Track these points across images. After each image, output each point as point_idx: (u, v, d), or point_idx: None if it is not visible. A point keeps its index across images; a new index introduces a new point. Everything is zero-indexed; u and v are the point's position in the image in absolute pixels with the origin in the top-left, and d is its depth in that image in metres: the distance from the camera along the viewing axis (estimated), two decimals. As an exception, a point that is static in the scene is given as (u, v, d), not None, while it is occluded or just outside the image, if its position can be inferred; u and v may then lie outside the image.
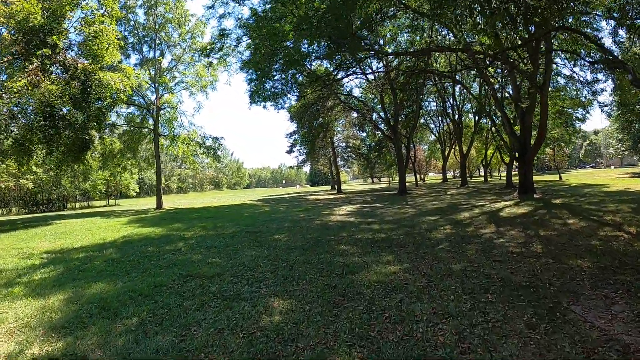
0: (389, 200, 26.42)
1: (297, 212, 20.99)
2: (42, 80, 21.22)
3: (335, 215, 18.23)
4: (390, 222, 14.68)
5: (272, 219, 17.97)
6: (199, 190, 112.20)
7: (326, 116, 38.13)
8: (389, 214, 17.54)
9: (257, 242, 11.68)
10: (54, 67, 22.63)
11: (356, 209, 21.18)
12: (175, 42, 34.56)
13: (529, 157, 22.20)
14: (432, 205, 20.31)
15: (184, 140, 32.40)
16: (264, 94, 31.99)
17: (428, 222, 14.13)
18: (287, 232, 13.47)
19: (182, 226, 17.21)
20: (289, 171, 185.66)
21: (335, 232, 13.03)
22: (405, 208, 20.05)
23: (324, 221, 15.93)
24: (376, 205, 23.04)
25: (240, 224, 16.42)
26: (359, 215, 17.83)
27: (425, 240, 10.76)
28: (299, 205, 26.69)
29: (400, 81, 33.39)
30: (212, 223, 17.60)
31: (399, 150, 32.25)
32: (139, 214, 27.29)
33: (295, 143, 47.69)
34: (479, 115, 41.19)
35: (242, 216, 20.31)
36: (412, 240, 10.91)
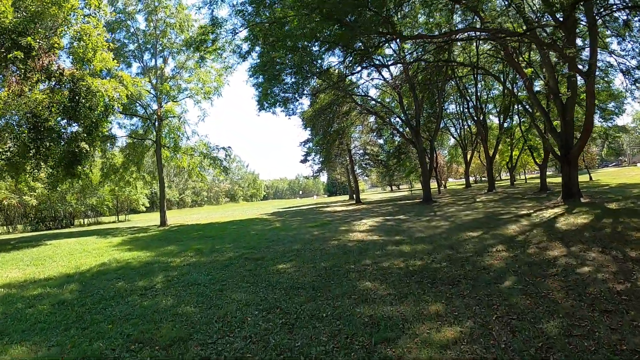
0: (414, 210, 23.54)
1: (311, 228, 18.24)
2: (25, 88, 19.15)
3: (355, 232, 15.41)
4: (423, 241, 11.83)
5: (280, 238, 15.24)
6: (215, 203, 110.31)
7: (342, 122, 35.48)
8: (418, 229, 14.69)
9: (254, 276, 8.95)
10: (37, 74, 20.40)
11: (378, 222, 18.34)
12: (178, 48, 32.30)
13: (573, 155, 19.37)
14: (466, 216, 17.43)
15: (187, 151, 29.92)
16: (273, 98, 29.57)
17: (472, 241, 11.26)
18: (295, 258, 10.71)
19: (175, 249, 14.64)
20: (306, 182, 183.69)
21: (356, 257, 10.25)
22: (435, 220, 17.18)
23: (342, 241, 13.12)
24: (400, 217, 20.20)
25: (241, 247, 13.76)
26: (382, 231, 14.99)
27: (481, 272, 7.90)
28: (314, 219, 23.98)
29: (420, 78, 30.75)
30: (211, 245, 15.00)
31: (421, 154, 29.36)
32: (139, 232, 24.85)
33: (310, 151, 44.98)
34: (505, 114, 38.13)
35: (248, 235, 17.64)
36: (460, 271, 8.08)
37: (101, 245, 17.94)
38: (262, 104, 29.59)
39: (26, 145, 19.58)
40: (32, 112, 19.67)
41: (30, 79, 19.66)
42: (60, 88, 21.71)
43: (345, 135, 36.98)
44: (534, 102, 22.25)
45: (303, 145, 45.56)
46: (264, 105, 29.75)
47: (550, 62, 21.59)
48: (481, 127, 38.38)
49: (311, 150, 44.42)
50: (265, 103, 29.74)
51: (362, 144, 47.20)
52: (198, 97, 31.85)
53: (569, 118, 19.73)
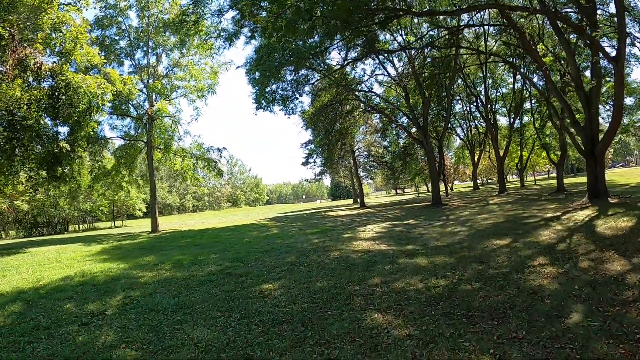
0: (423, 214, 21.54)
1: (311, 235, 16.23)
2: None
3: (360, 240, 13.38)
4: (441, 252, 9.85)
5: (274, 247, 13.25)
6: (216, 208, 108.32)
7: (344, 121, 33.54)
8: (433, 236, 12.70)
9: (230, 301, 7.01)
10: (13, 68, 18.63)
11: (386, 228, 16.35)
12: (171, 45, 30.47)
13: (599, 151, 17.44)
14: (484, 220, 15.43)
15: (178, 153, 27.91)
16: (271, 96, 27.77)
17: (502, 251, 9.27)
18: (286, 275, 8.74)
19: (153, 261, 12.71)
20: (309, 186, 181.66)
21: (361, 273, 8.27)
22: (450, 225, 15.17)
23: (344, 252, 11.11)
24: (410, 222, 18.21)
25: (227, 258, 11.81)
26: (391, 239, 12.98)
27: (530, 298, 5.90)
28: (315, 224, 22.01)
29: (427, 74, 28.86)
30: (195, 255, 13.05)
31: (430, 154, 27.36)
32: (126, 239, 22.91)
33: (312, 153, 42.85)
34: (516, 111, 36.16)
35: (240, 243, 15.68)
36: (502, 295, 6.08)
37: (78, 255, 16.06)
38: (259, 102, 27.84)
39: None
40: (7, 109, 18.00)
41: (5, 73, 17.92)
42: (38, 83, 20.07)
43: (348, 136, 35.01)
44: (554, 94, 20.24)
45: (304, 146, 43.50)
46: (261, 103, 28.01)
47: (570, 49, 19.60)
48: (491, 126, 36.44)
49: (313, 152, 42.36)
50: (263, 101, 28.00)
51: (366, 145, 45.18)
52: (192, 96, 29.98)
53: (594, 110, 17.78)
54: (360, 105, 33.29)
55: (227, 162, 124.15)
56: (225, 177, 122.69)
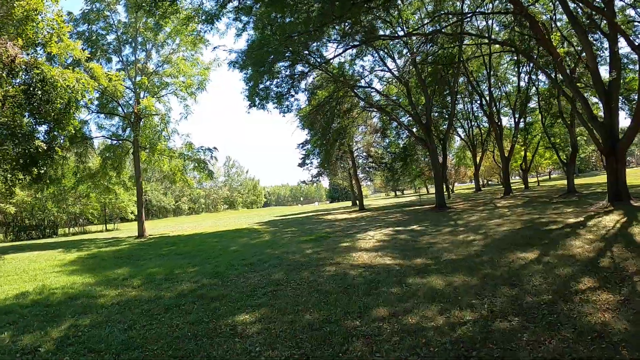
0: (428, 219, 19.94)
1: (304, 243, 14.56)
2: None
3: (359, 250, 11.68)
4: (459, 268, 8.21)
5: (261, 259, 11.56)
6: (213, 210, 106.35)
7: (343, 120, 31.91)
8: (444, 247, 11.07)
9: (191, 339, 5.39)
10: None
11: (388, 235, 14.71)
12: (161, 41, 28.86)
13: (621, 148, 16.04)
14: (499, 227, 13.83)
15: (164, 152, 26.17)
16: (264, 93, 26.13)
17: (533, 268, 7.64)
18: (269, 300, 7.05)
19: (124, 274, 11.17)
20: (308, 188, 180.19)
21: (362, 300, 6.58)
22: (461, 233, 13.54)
23: (341, 267, 9.43)
24: (414, 227, 16.59)
25: (206, 272, 10.21)
26: (396, 249, 11.33)
27: (597, 346, 4.27)
28: (310, 229, 20.36)
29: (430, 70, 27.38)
30: (170, 268, 11.44)
31: (434, 154, 25.76)
32: (108, 245, 21.24)
33: (308, 154, 41.20)
34: (522, 109, 34.66)
35: (225, 252, 14.05)
36: (556, 341, 4.44)
37: (49, 265, 14.51)
38: (252, 99, 26.17)
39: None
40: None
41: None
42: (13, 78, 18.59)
43: (347, 136, 33.35)
44: (570, 87, 18.64)
45: (301, 147, 41.74)
46: (254, 101, 26.34)
47: (587, 37, 18.04)
48: (495, 125, 34.87)
49: (310, 153, 40.70)
50: (256, 98, 26.35)
51: (365, 145, 43.52)
52: (182, 94, 28.38)
53: (614, 104, 16.26)
54: (359, 103, 31.72)
55: (224, 164, 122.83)
56: (222, 179, 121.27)
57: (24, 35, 18.24)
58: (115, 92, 25.24)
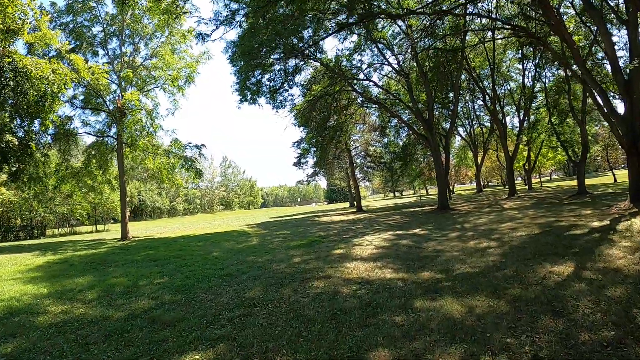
0: (431, 221, 18.33)
1: (294, 249, 12.90)
2: None
3: (355, 260, 9.99)
4: (477, 285, 6.54)
5: (241, 269, 9.88)
6: (209, 211, 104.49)
7: (340, 117, 30.31)
8: (454, 254, 9.46)
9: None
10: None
11: (388, 241, 13.08)
12: (149, 33, 27.23)
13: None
14: (513, 231, 12.26)
15: (147, 149, 24.46)
16: (256, 87, 24.56)
17: (574, 287, 5.97)
18: (233, 331, 5.35)
19: (84, 283, 9.69)
20: (306, 189, 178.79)
21: (356, 334, 4.87)
22: (471, 238, 11.93)
23: (332, 282, 7.71)
24: (416, 231, 14.99)
25: (173, 285, 8.63)
26: (398, 258, 9.67)
27: None
28: (304, 232, 18.76)
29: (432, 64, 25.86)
30: (136, 278, 9.92)
31: (436, 152, 24.16)
32: (86, 248, 19.58)
33: (304, 153, 39.53)
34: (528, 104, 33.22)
35: (205, 259, 12.42)
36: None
37: (12, 270, 13.07)
38: (243, 93, 24.65)
39: None
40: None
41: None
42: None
43: (344, 133, 31.72)
44: (587, 78, 17.04)
45: (296, 146, 40.08)
46: (245, 95, 24.82)
47: (604, 23, 16.47)
48: (499, 123, 33.33)
49: (305, 152, 39.04)
50: (248, 92, 24.80)
51: (364, 144, 41.84)
52: (171, 88, 26.76)
53: (636, 96, 14.68)
54: (356, 99, 30.14)
55: (221, 164, 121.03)
56: (218, 179, 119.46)
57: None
58: (97, 85, 23.67)
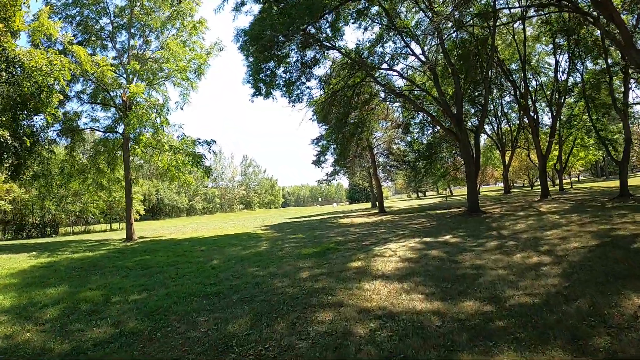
0: (462, 226, 16.28)
1: (303, 259, 11.05)
2: None
3: (375, 277, 8.03)
4: (548, 331, 4.59)
5: (233, 287, 8.04)
6: (229, 210, 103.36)
7: (361, 112, 28.30)
8: (499, 273, 7.48)
9: None
10: None
11: (415, 251, 11.09)
12: (159, 26, 25.72)
13: None
14: (565, 242, 10.24)
15: (150, 143, 22.76)
16: (269, 78, 22.88)
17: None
18: None
19: (53, 296, 8.29)
20: (328, 188, 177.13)
21: None
22: (515, 250, 9.83)
23: (344, 313, 5.76)
24: (447, 238, 12.99)
25: (146, 307, 6.96)
26: (428, 276, 7.70)
27: None
28: (320, 237, 16.90)
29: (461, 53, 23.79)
30: (114, 290, 8.45)
31: (466, 149, 22.02)
32: (86, 249, 18.05)
33: (324, 150, 37.51)
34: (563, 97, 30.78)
35: (201, 268, 10.72)
36: None
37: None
38: (256, 85, 22.97)
39: None
40: None
41: None
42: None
43: (365, 129, 29.67)
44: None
45: (315, 143, 38.07)
46: (259, 88, 23.12)
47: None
48: (532, 119, 30.97)
49: (325, 149, 37.04)
50: (262, 85, 23.11)
51: (387, 141, 39.65)
52: (182, 82, 25.21)
53: None
54: (378, 93, 28.15)
55: (241, 163, 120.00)
56: (239, 179, 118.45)
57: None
58: (103, 78, 22.25)
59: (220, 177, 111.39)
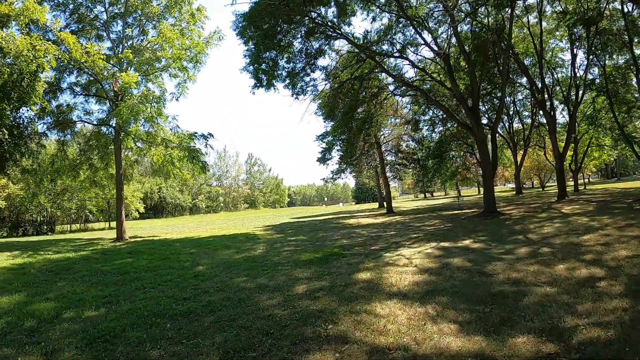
0: (480, 228, 14.66)
1: (302, 267, 9.43)
2: None
3: (390, 295, 6.42)
4: None
5: (208, 305, 6.44)
6: (233, 209, 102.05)
7: (369, 106, 26.63)
8: (545, 291, 5.86)
9: None
10: None
11: (434, 257, 9.44)
12: (156, 13, 24.22)
13: None
14: (611, 249, 8.70)
15: (140, 137, 21.07)
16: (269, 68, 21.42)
17: None
18: None
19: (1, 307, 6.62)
20: (334, 188, 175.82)
21: None
22: (555, 260, 8.12)
23: (351, 354, 4.24)
24: (468, 243, 11.35)
25: (95, 330, 5.36)
26: (457, 294, 6.05)
27: None
28: (322, 240, 15.29)
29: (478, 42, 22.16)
30: (72, 303, 7.02)
31: (482, 145, 20.40)
32: (71, 250, 16.54)
33: (329, 147, 35.85)
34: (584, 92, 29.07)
35: (182, 276, 9.17)
36: None
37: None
38: (257, 76, 21.53)
39: None
40: None
41: None
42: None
43: (374, 124, 27.98)
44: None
45: (320, 140, 36.43)
46: (260, 79, 21.69)
47: None
48: (549, 115, 29.19)
49: (330, 145, 35.37)
50: (263, 76, 21.65)
51: (395, 138, 37.93)
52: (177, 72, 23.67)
53: None
54: (387, 87, 26.49)
55: (246, 161, 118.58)
56: (243, 177, 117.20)
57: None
58: (94, 67, 20.79)
59: (224, 175, 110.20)
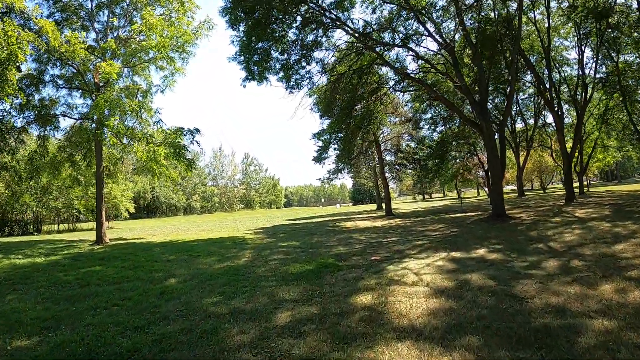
0: (491, 235, 13.18)
1: (289, 284, 7.85)
2: None
3: (400, 332, 4.92)
4: None
5: (165, 339, 4.98)
6: (228, 210, 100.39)
7: (368, 103, 25.12)
8: (604, 326, 4.41)
9: None
10: None
11: (447, 272, 7.88)
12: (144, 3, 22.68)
13: None
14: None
15: (118, 131, 19.33)
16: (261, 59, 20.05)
17: None
18: None
19: None
20: (332, 189, 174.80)
21: None
22: (597, 278, 6.58)
23: None
24: (482, 253, 9.84)
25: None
26: (491, 334, 4.59)
27: None
28: (316, 247, 13.73)
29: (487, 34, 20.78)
30: (9, 324, 5.29)
31: (490, 143, 18.94)
32: (43, 254, 15.01)
33: (326, 146, 34.29)
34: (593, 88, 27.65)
35: (146, 293, 7.69)
36: None
37: None
38: (248, 68, 20.18)
39: None
40: None
41: None
42: None
43: (373, 122, 26.47)
44: None
45: (316, 138, 34.87)
46: (252, 71, 20.33)
47: None
48: (556, 114, 27.73)
49: (327, 143, 33.83)
50: (255, 68, 20.27)
51: (395, 137, 36.47)
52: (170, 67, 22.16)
53: None
54: (387, 81, 25.07)
55: (242, 161, 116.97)
56: (239, 177, 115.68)
57: None
58: (74, 57, 19.32)
59: (220, 175, 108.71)
